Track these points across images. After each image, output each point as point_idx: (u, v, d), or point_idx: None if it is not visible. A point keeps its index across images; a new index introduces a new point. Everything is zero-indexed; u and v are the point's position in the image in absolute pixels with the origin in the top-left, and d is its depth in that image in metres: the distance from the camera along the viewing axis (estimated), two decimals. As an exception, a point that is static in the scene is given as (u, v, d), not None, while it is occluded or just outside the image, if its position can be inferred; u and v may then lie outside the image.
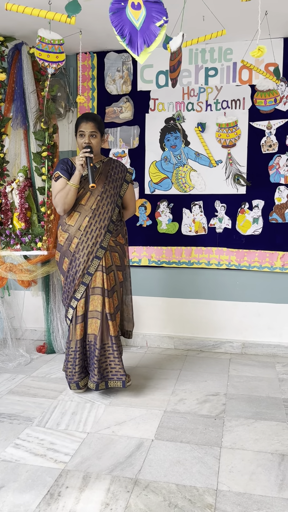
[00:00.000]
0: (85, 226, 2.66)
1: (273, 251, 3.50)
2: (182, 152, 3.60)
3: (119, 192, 2.78)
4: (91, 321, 2.70)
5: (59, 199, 2.63)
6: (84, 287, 2.68)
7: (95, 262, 2.67)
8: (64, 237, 2.72)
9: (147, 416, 2.50)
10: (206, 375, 3.14)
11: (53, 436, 2.27)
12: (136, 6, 1.71)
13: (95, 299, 2.68)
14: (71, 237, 2.69)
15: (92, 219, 2.67)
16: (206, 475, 1.93)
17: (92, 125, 2.65)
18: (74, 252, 2.67)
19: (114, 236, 2.75)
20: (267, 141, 3.44)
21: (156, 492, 1.82)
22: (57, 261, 2.81)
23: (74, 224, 2.68)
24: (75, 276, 2.69)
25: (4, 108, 3.39)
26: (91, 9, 2.88)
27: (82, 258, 2.66)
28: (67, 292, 2.74)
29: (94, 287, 2.68)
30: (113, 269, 2.73)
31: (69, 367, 2.75)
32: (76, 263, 2.67)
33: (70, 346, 2.73)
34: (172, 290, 3.75)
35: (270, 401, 2.70)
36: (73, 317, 2.72)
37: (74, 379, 2.75)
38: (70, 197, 2.62)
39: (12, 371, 3.20)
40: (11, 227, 3.37)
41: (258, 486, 1.86)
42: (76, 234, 2.67)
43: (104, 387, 2.73)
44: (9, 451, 2.13)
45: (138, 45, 1.76)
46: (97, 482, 1.88)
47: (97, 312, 2.67)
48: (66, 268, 2.72)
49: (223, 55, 3.45)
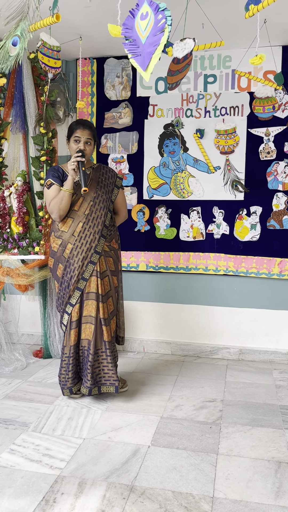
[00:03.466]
0: (79, 232, 2.66)
1: (271, 258, 3.50)
2: (180, 158, 3.61)
3: (111, 197, 2.79)
4: (85, 326, 2.70)
5: (54, 206, 2.63)
6: (79, 293, 2.68)
7: (90, 267, 2.67)
8: (57, 243, 2.71)
9: (143, 422, 2.48)
10: (203, 381, 3.13)
11: (49, 442, 2.26)
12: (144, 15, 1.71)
13: (89, 304, 2.68)
14: (64, 243, 2.68)
15: (86, 224, 2.67)
16: (203, 482, 1.92)
17: (88, 133, 2.67)
18: (68, 258, 2.67)
19: (108, 241, 2.75)
20: (265, 148, 3.45)
21: (152, 499, 1.81)
22: (51, 267, 2.79)
23: (68, 230, 2.68)
24: (70, 281, 2.68)
25: (3, 112, 3.40)
26: (91, 15, 2.90)
27: (76, 264, 2.66)
28: (62, 298, 2.73)
29: (89, 292, 2.68)
30: (107, 274, 2.73)
31: (63, 373, 2.73)
32: (71, 268, 2.67)
33: (64, 352, 2.72)
34: (170, 295, 3.75)
35: (267, 408, 2.69)
36: (68, 323, 2.71)
37: (67, 385, 2.74)
38: (65, 202, 2.62)
39: (8, 375, 3.19)
40: (9, 231, 3.37)
41: (254, 493, 1.85)
42: (70, 240, 2.67)
43: (97, 392, 2.72)
44: (4, 456, 2.11)
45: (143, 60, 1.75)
46: (93, 489, 1.87)
47: (91, 317, 2.67)
48: (61, 274, 2.71)
49: (222, 62, 3.47)
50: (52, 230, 2.77)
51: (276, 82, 3.09)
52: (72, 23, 3.00)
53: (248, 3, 2.17)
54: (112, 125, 3.71)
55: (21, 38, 1.93)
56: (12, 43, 1.97)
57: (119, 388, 2.74)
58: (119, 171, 3.71)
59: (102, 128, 3.71)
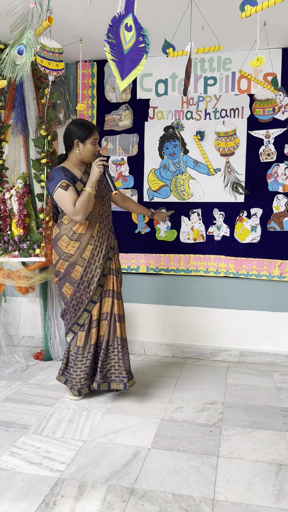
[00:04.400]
0: (97, 232, 2.72)
1: (271, 259, 3.50)
2: (181, 160, 3.61)
3: (108, 192, 2.84)
4: (102, 324, 2.76)
5: (81, 207, 2.57)
6: (100, 289, 2.75)
7: (108, 263, 2.77)
8: (75, 246, 2.68)
9: (144, 425, 2.48)
10: (203, 383, 3.13)
11: (49, 444, 2.25)
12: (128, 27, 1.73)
13: (106, 301, 2.76)
14: (84, 245, 2.69)
15: (101, 223, 2.74)
16: (203, 485, 1.92)
17: (98, 134, 2.76)
18: (88, 259, 2.68)
19: (114, 237, 2.86)
20: (265, 150, 3.46)
21: (152, 501, 1.80)
22: (60, 271, 2.73)
23: (86, 232, 2.69)
24: (91, 281, 2.70)
25: (4, 115, 3.41)
26: (91, 18, 2.91)
27: (98, 263, 2.71)
28: (79, 298, 2.70)
29: (107, 290, 2.77)
30: (120, 272, 2.84)
31: (79, 373, 2.72)
32: (93, 267, 2.71)
33: (81, 353, 2.71)
34: (170, 297, 3.75)
35: (267, 410, 2.68)
36: (87, 322, 2.71)
37: (87, 383, 2.76)
38: (92, 203, 2.62)
39: (9, 378, 3.19)
40: (10, 233, 3.37)
41: (255, 496, 1.84)
42: (89, 241, 2.69)
43: (106, 388, 2.74)
44: (4, 459, 2.11)
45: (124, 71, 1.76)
46: (93, 491, 1.87)
47: (107, 314, 2.74)
48: (79, 275, 2.69)
49: (222, 64, 3.48)
50: (64, 233, 2.71)
51: (272, 86, 3.10)
52: (72, 25, 3.01)
53: (243, 3, 2.17)
54: (113, 127, 3.71)
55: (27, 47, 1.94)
56: (17, 51, 1.98)
57: (128, 385, 2.73)
58: (120, 174, 3.71)
59: (102, 131, 3.72)
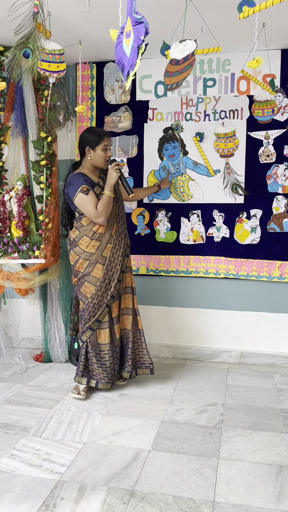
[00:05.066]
0: (115, 231, 2.90)
1: (271, 261, 3.49)
2: (180, 162, 3.61)
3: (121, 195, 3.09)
4: (123, 318, 3.00)
5: (102, 210, 2.76)
6: (119, 285, 2.93)
7: (125, 260, 2.98)
8: (95, 245, 2.85)
9: (144, 426, 2.48)
10: (204, 384, 3.12)
11: (49, 447, 2.25)
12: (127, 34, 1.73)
13: (126, 298, 3.01)
14: (103, 244, 2.86)
15: (118, 223, 2.94)
16: (203, 487, 1.91)
17: (110, 140, 2.92)
18: (109, 257, 2.87)
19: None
20: (265, 151, 3.45)
21: (152, 504, 1.80)
22: (82, 271, 2.85)
23: (105, 232, 2.87)
24: (111, 278, 2.88)
25: (3, 117, 3.41)
26: (91, 20, 2.91)
27: (117, 260, 2.90)
28: (101, 296, 2.85)
29: (126, 287, 3.01)
30: (131, 270, 3.05)
31: (113, 367, 2.90)
32: (113, 265, 2.88)
33: (103, 349, 2.86)
34: (170, 299, 3.74)
35: (268, 412, 2.68)
36: (109, 319, 2.89)
37: (114, 378, 2.95)
38: (111, 206, 2.82)
39: (9, 380, 3.18)
40: (9, 235, 3.37)
41: (255, 498, 1.84)
42: (109, 241, 2.88)
43: (135, 375, 3.02)
44: (4, 461, 2.11)
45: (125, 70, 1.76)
46: (93, 494, 1.86)
47: (128, 309, 3.00)
48: (101, 273, 2.85)
49: (221, 66, 3.48)
50: (83, 234, 2.87)
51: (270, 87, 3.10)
52: (72, 27, 3.01)
53: (241, 4, 2.17)
54: (112, 129, 3.71)
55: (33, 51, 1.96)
56: (23, 54, 1.99)
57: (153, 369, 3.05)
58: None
59: (102, 132, 3.72)
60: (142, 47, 1.72)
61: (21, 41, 2.03)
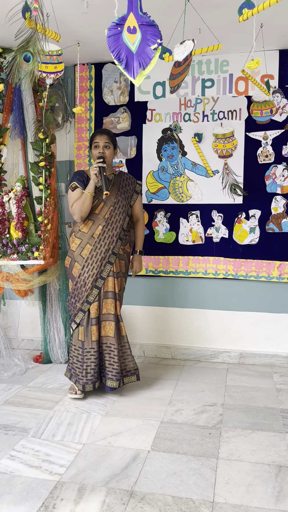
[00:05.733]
0: (98, 234, 2.84)
1: (270, 261, 3.50)
2: (179, 162, 3.61)
3: (130, 202, 3.00)
4: (104, 324, 2.86)
5: (76, 207, 2.81)
6: (97, 291, 2.85)
7: (108, 267, 2.86)
8: (76, 243, 2.87)
9: (143, 427, 2.48)
10: (203, 385, 3.12)
11: (48, 448, 2.25)
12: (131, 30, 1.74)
13: (108, 303, 2.86)
14: (83, 244, 2.85)
15: (105, 227, 2.85)
16: (203, 487, 1.92)
17: (106, 137, 2.89)
18: (87, 258, 2.83)
19: (123, 244, 2.96)
20: (263, 152, 3.46)
21: (152, 504, 1.80)
22: (67, 266, 2.95)
23: (88, 232, 2.85)
24: (86, 280, 2.83)
25: (2, 118, 3.41)
26: (89, 21, 2.92)
27: (95, 264, 2.82)
28: (77, 296, 2.85)
29: (107, 291, 2.87)
30: (120, 275, 2.93)
31: (86, 368, 2.80)
32: (89, 268, 2.83)
33: (84, 347, 2.81)
34: (169, 299, 3.75)
35: (267, 412, 2.68)
36: (83, 320, 2.84)
37: (92, 379, 2.82)
38: (87, 205, 2.79)
39: (8, 381, 3.18)
40: (8, 236, 3.37)
41: (254, 498, 1.84)
42: (89, 241, 2.84)
43: (123, 383, 2.88)
44: (4, 462, 2.11)
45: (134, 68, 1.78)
46: (93, 494, 1.87)
47: (111, 315, 2.85)
48: (77, 273, 2.85)
49: (219, 66, 3.48)
50: (73, 230, 2.94)
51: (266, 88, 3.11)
52: (70, 29, 3.02)
53: (241, 7, 2.19)
54: (111, 130, 3.71)
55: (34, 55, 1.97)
56: (24, 58, 2.01)
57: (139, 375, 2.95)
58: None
59: (100, 133, 3.72)
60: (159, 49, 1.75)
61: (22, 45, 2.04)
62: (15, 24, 2.55)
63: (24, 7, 2.24)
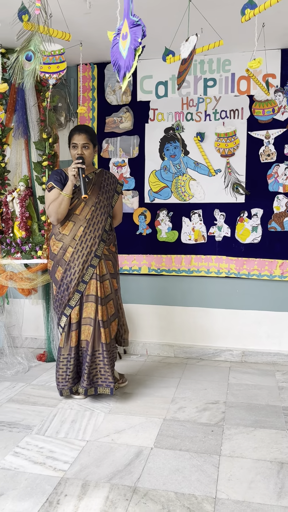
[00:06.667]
0: (80, 236, 2.71)
1: (272, 259, 3.51)
2: (181, 162, 3.63)
3: (111, 202, 2.85)
4: (84, 328, 2.75)
5: (52, 209, 2.68)
6: (79, 295, 2.74)
7: (90, 270, 2.73)
8: (58, 246, 2.75)
9: (146, 424, 2.50)
10: (205, 383, 3.14)
11: (52, 444, 2.27)
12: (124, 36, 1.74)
13: (88, 306, 2.73)
14: (65, 246, 2.73)
15: (87, 228, 2.72)
16: (205, 483, 1.93)
17: (84, 137, 2.71)
18: (69, 261, 2.72)
19: (107, 245, 2.82)
20: (265, 151, 3.47)
21: (155, 500, 1.82)
22: (49, 269, 2.85)
23: (69, 234, 2.72)
24: (69, 284, 2.73)
25: (5, 118, 3.44)
26: (91, 21, 2.93)
27: (77, 267, 2.71)
28: (60, 300, 2.78)
29: (88, 295, 2.73)
30: (107, 278, 2.78)
31: (61, 374, 2.77)
32: (71, 271, 2.72)
33: (62, 353, 2.76)
34: (172, 298, 3.76)
35: (269, 409, 2.70)
36: (66, 325, 2.76)
37: (67, 385, 2.78)
38: (63, 207, 2.66)
39: (12, 379, 3.21)
40: (12, 235, 3.40)
41: (257, 494, 1.86)
42: (71, 244, 2.72)
43: (93, 393, 2.77)
44: (8, 459, 2.13)
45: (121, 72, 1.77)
46: (96, 490, 1.89)
47: (90, 319, 2.72)
48: (60, 276, 2.75)
49: (221, 66, 3.50)
50: (53, 233, 2.81)
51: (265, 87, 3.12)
52: (73, 29, 3.03)
53: (244, 7, 2.20)
54: (113, 129, 3.74)
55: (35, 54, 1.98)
56: (26, 57, 2.01)
57: (114, 389, 2.74)
58: (121, 175, 3.73)
59: (103, 133, 3.74)
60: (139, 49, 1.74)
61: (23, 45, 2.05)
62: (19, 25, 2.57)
63: (20, 9, 2.24)
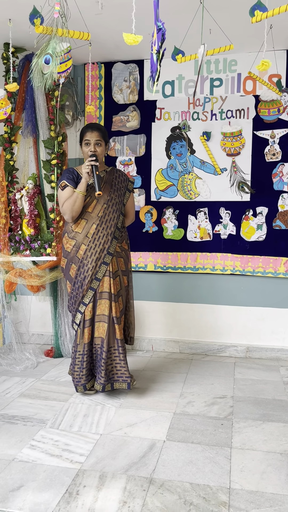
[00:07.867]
0: (92, 233, 2.75)
1: (277, 257, 3.57)
2: (187, 160, 3.68)
3: (123, 200, 2.89)
4: (98, 325, 2.79)
5: (67, 207, 2.72)
6: (92, 292, 2.78)
7: (103, 267, 2.77)
8: (71, 244, 2.79)
9: (157, 418, 2.56)
10: (212, 378, 3.20)
11: (67, 438, 2.33)
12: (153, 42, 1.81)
13: (102, 303, 2.78)
14: (78, 244, 2.77)
15: (100, 226, 2.76)
16: (219, 474, 1.99)
17: (97, 134, 2.76)
18: (82, 259, 2.76)
19: (119, 242, 2.86)
20: (270, 150, 3.53)
21: (171, 490, 1.88)
22: (63, 267, 2.88)
23: (82, 231, 2.77)
24: (83, 282, 2.77)
25: (14, 117, 3.47)
26: (100, 21, 2.97)
27: (90, 264, 2.75)
28: (75, 297, 2.81)
29: (102, 292, 2.78)
30: (119, 274, 2.83)
31: (76, 370, 2.81)
32: (85, 269, 2.76)
33: (78, 350, 2.80)
34: (178, 295, 3.82)
35: (276, 404, 2.76)
36: (81, 322, 2.80)
37: (81, 381, 2.82)
38: (78, 204, 2.70)
39: (21, 374, 3.26)
40: (21, 233, 3.44)
41: (269, 484, 1.92)
42: (84, 241, 2.76)
43: (110, 388, 2.81)
44: (25, 452, 2.18)
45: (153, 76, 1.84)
46: (113, 481, 1.94)
47: (105, 316, 2.77)
48: (74, 274, 2.79)
49: (227, 66, 3.54)
50: (66, 231, 2.85)
51: (277, 87, 3.17)
52: (81, 28, 3.05)
53: (253, 8, 2.23)
54: (120, 128, 3.78)
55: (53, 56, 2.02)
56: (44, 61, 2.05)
57: (131, 384, 2.81)
58: (127, 173, 3.78)
59: (110, 131, 3.78)
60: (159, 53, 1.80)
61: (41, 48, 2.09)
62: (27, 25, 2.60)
63: (31, 13, 2.27)
